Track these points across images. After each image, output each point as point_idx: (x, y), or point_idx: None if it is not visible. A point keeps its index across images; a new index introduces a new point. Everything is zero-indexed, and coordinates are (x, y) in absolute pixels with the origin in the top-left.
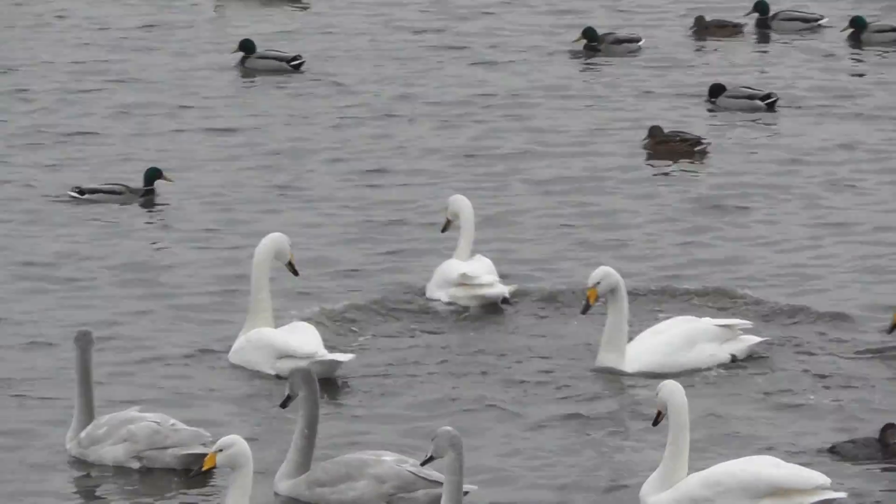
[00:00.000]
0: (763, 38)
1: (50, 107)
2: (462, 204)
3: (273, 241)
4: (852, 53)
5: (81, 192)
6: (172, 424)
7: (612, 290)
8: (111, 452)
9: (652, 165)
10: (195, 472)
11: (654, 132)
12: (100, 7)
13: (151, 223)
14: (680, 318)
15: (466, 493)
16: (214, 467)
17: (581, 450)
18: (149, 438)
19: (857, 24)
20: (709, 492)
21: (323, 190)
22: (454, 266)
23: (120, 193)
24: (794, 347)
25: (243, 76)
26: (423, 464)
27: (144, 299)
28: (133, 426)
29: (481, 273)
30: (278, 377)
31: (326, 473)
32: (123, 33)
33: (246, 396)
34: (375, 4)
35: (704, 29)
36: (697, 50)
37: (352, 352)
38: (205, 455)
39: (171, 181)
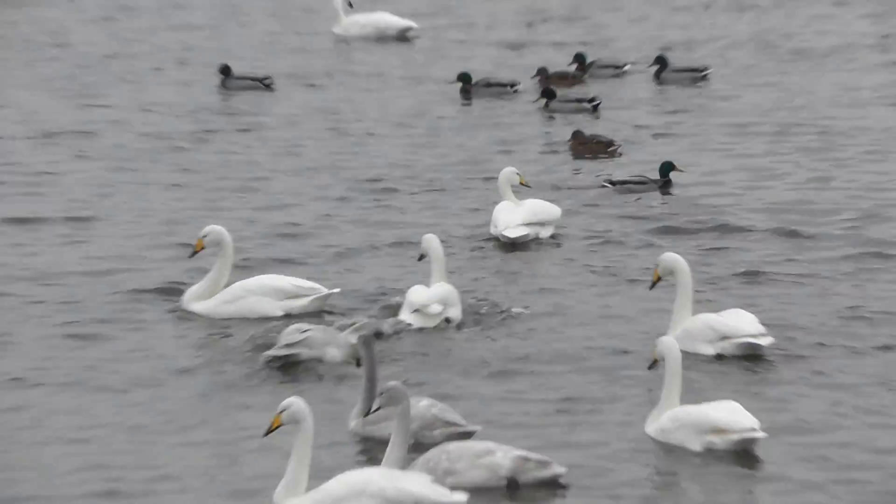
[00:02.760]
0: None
1: None
2: (433, 244)
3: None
4: (658, 89)
5: (613, 183)
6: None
7: (218, 244)
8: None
9: (575, 162)
10: (265, 433)
11: (577, 135)
12: None
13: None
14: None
15: (473, 432)
16: (281, 425)
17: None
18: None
19: (661, 62)
20: (672, 425)
21: None
22: (415, 293)
23: (644, 183)
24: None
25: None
26: (368, 414)
27: None
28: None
29: (431, 301)
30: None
31: (375, 415)
32: None
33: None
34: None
35: (547, 79)
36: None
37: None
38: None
39: (682, 171)
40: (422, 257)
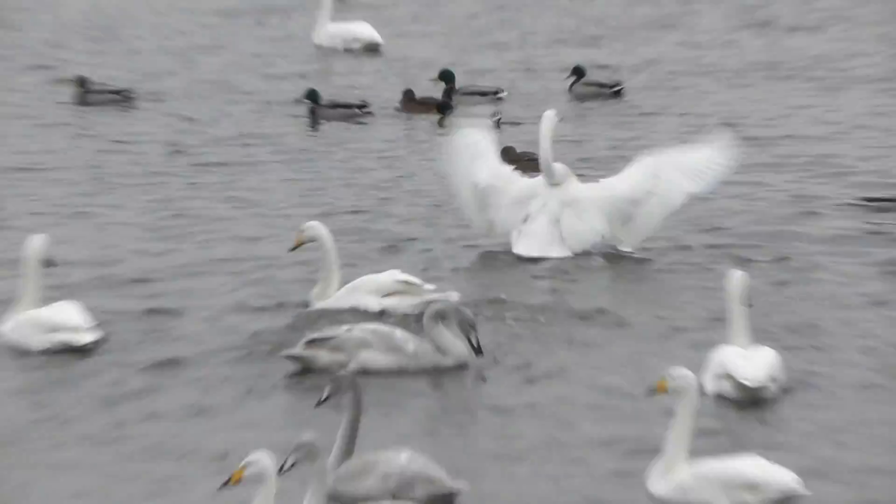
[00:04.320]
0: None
1: None
2: (321, 231)
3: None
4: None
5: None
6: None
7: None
8: None
9: None
10: (221, 485)
11: (508, 152)
12: None
13: None
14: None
15: (459, 491)
16: (241, 480)
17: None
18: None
19: (578, 73)
20: (695, 483)
21: None
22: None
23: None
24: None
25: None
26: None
27: None
28: None
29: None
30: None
31: (348, 472)
32: None
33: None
34: None
35: (410, 102)
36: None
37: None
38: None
39: None
40: (296, 247)
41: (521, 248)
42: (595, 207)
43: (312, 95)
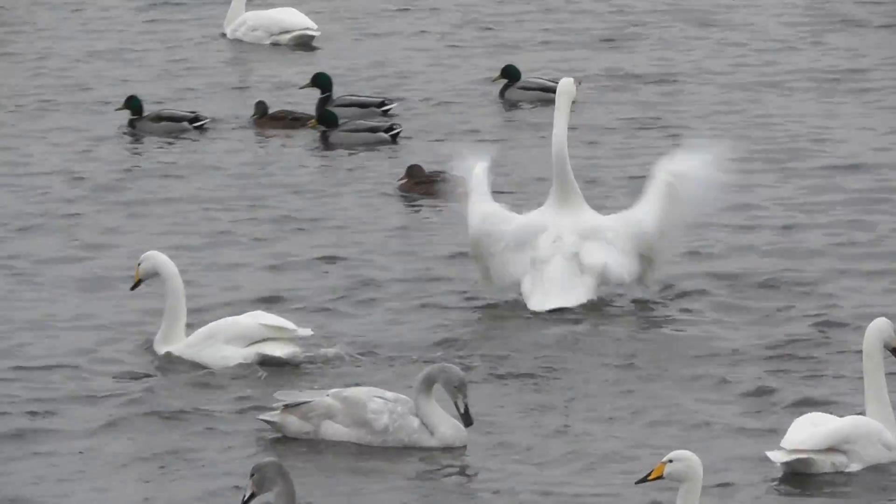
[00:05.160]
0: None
1: None
2: (160, 260)
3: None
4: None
5: None
6: None
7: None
8: None
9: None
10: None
11: (413, 172)
12: None
13: None
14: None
15: None
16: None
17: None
18: None
19: (510, 75)
20: None
21: None
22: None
23: None
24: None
25: None
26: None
27: None
28: None
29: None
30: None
31: None
32: None
33: None
34: None
35: (262, 118)
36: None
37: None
38: None
39: None
40: (137, 284)
41: (536, 302)
42: (621, 240)
43: (133, 104)
